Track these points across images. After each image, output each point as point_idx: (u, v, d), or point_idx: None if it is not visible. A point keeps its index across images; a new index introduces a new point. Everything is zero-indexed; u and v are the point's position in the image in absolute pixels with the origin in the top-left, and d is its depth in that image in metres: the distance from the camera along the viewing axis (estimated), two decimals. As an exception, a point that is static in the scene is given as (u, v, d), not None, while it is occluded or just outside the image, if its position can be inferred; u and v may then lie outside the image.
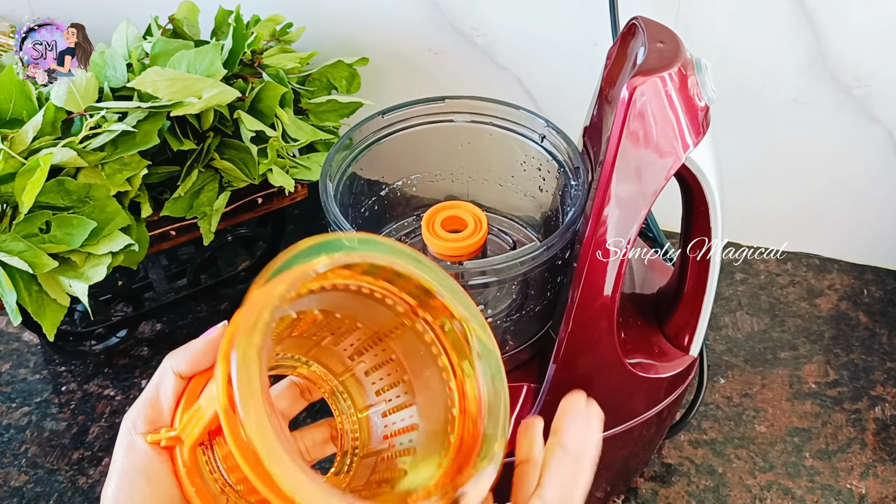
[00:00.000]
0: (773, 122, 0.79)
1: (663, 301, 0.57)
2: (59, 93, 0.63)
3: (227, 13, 0.75)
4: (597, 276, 0.48)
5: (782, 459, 0.70)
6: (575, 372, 0.52)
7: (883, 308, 0.83)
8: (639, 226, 0.46)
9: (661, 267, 0.62)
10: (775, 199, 0.85)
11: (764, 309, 0.83)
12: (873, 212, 0.83)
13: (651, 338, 0.57)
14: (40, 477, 0.70)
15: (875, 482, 0.68)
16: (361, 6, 0.83)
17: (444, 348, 0.38)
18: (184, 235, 0.71)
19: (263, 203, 0.75)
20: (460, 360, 0.37)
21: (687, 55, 0.45)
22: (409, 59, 0.85)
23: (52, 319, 0.64)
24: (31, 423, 0.74)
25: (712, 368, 0.77)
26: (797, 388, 0.75)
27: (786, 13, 0.71)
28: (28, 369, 0.79)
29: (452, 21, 0.81)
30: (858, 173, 0.81)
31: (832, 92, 0.75)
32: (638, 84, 0.42)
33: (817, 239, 0.87)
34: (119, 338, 0.79)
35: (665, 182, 0.45)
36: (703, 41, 0.75)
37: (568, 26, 0.78)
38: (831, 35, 0.72)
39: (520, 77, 0.84)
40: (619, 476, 0.64)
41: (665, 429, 0.62)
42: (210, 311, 0.84)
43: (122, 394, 0.76)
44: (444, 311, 0.37)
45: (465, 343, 0.37)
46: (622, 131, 0.43)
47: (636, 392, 0.55)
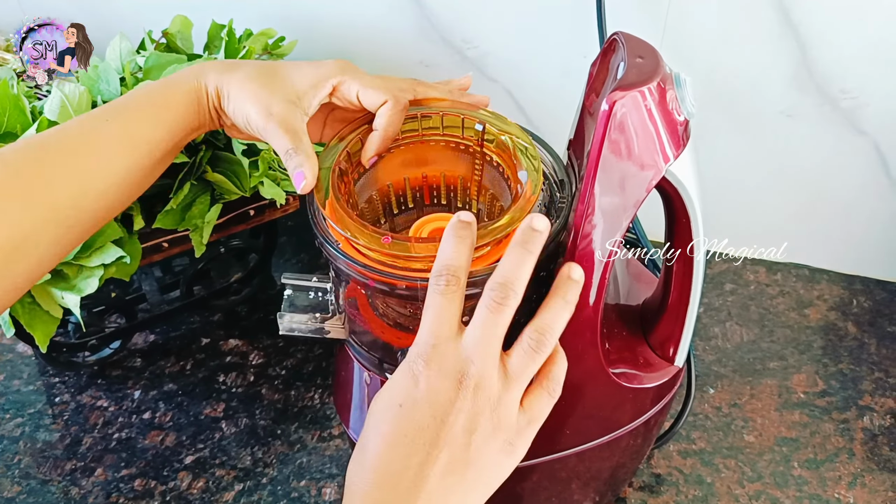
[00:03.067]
0: (760, 135, 0.80)
1: (648, 312, 0.58)
2: (53, 106, 0.64)
3: (220, 27, 0.76)
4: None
5: (771, 469, 0.70)
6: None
7: (872, 318, 0.83)
8: (620, 236, 0.47)
9: (647, 277, 0.63)
10: (764, 210, 0.86)
11: (753, 319, 0.83)
12: (862, 222, 0.84)
13: (636, 348, 0.57)
14: (33, 488, 0.70)
15: (863, 492, 0.68)
16: (353, 20, 0.84)
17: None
18: (176, 247, 0.72)
19: (255, 215, 0.76)
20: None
21: (666, 70, 0.46)
22: (400, 72, 0.85)
23: (45, 331, 0.65)
24: (24, 434, 0.75)
25: (701, 378, 0.77)
26: (786, 398, 0.76)
27: (771, 26, 0.72)
28: (21, 380, 0.80)
29: (443, 34, 0.82)
30: (846, 184, 0.81)
31: (819, 104, 0.76)
32: (618, 98, 0.43)
33: (807, 249, 0.88)
34: (112, 349, 0.80)
35: (646, 194, 0.46)
36: (690, 54, 0.76)
37: (557, 39, 0.79)
38: (817, 48, 0.73)
39: (510, 89, 0.84)
40: (607, 486, 0.64)
41: (652, 438, 0.63)
42: (203, 322, 0.85)
43: (115, 405, 0.77)
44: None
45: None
46: (602, 144, 0.44)
47: (622, 402, 0.56)
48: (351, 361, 0.57)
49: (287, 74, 0.53)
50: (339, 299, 0.55)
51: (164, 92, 0.53)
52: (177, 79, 0.53)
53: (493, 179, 0.56)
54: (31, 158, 0.48)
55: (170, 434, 0.74)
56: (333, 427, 0.74)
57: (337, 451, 0.72)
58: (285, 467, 0.71)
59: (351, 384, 0.58)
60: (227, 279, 0.84)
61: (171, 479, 0.70)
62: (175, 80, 0.53)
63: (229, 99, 0.52)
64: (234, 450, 0.73)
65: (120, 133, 0.51)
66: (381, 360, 0.55)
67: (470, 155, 0.56)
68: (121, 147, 0.51)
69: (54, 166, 0.48)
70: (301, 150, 0.50)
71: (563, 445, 0.56)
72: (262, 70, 0.53)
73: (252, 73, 0.53)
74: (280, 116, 0.51)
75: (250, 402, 0.77)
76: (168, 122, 0.52)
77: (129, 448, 0.73)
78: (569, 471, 0.59)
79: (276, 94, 0.51)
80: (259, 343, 0.83)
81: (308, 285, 0.56)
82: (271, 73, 0.53)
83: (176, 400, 0.77)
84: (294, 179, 0.50)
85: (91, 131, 0.50)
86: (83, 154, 0.49)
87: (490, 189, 0.57)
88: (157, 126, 0.52)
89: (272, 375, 0.79)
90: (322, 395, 0.77)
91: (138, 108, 0.52)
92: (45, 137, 0.50)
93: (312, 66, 0.54)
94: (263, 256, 0.84)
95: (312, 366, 0.80)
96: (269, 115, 0.51)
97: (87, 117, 0.52)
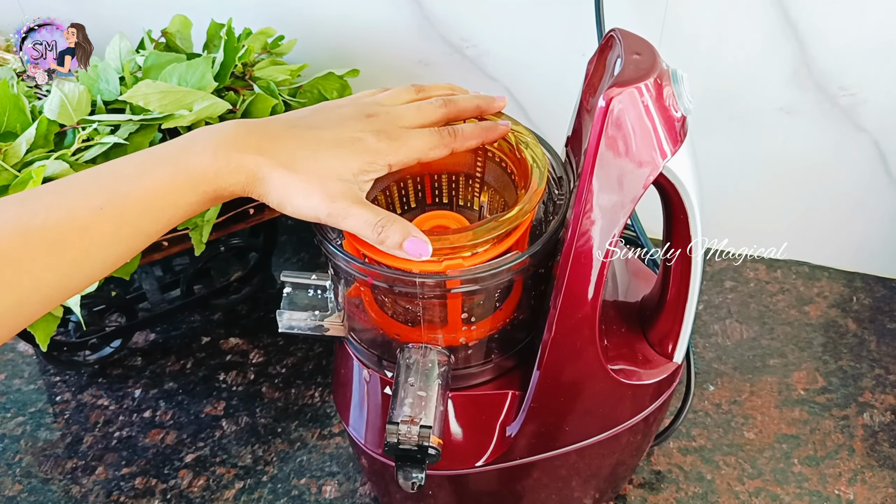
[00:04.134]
0: (760, 132, 0.80)
1: (647, 308, 0.58)
2: (52, 106, 0.64)
3: (219, 26, 0.76)
4: (578, 283, 0.48)
5: (771, 466, 0.70)
6: (559, 379, 0.53)
7: (872, 315, 0.83)
8: (618, 233, 0.47)
9: (646, 274, 0.63)
10: (764, 207, 0.86)
11: (753, 316, 0.83)
12: (862, 219, 0.84)
13: (635, 345, 0.57)
14: (34, 486, 0.70)
15: (863, 488, 0.68)
16: (352, 19, 0.85)
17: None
18: (176, 246, 0.72)
19: (255, 214, 0.76)
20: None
21: (663, 66, 0.46)
22: (399, 71, 0.86)
23: (46, 330, 0.65)
24: (25, 433, 0.75)
25: (701, 376, 0.77)
26: (786, 395, 0.76)
27: (770, 23, 0.72)
28: (23, 379, 0.80)
29: (443, 33, 0.82)
30: (846, 181, 0.81)
31: (818, 101, 0.76)
32: (614, 95, 0.43)
33: (807, 247, 0.88)
34: (113, 348, 0.80)
35: (643, 190, 0.46)
36: (689, 52, 0.76)
37: (556, 37, 0.79)
38: (816, 45, 0.73)
39: (509, 87, 0.84)
40: (607, 483, 0.64)
41: (652, 435, 0.63)
42: (203, 321, 0.85)
43: (116, 404, 0.77)
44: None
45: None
46: (599, 141, 0.44)
47: (621, 399, 0.56)
48: (350, 359, 0.57)
49: (334, 154, 0.47)
50: (338, 297, 0.55)
51: (174, 187, 0.44)
52: (192, 168, 0.45)
53: (496, 175, 0.56)
54: (18, 242, 0.41)
55: (170, 432, 0.74)
56: (334, 425, 0.74)
57: (337, 449, 0.72)
58: (286, 465, 0.71)
59: (351, 382, 0.58)
60: (227, 278, 0.85)
61: (172, 478, 0.70)
62: (189, 173, 0.44)
63: (271, 193, 0.46)
64: (234, 448, 0.73)
65: (113, 231, 0.44)
66: (381, 357, 0.55)
67: (472, 151, 0.56)
68: (113, 243, 0.44)
69: (37, 255, 0.42)
70: (391, 218, 0.46)
71: (562, 442, 0.56)
72: (301, 152, 0.46)
73: (291, 157, 0.46)
74: (346, 196, 0.46)
75: (251, 401, 0.77)
76: (172, 218, 0.45)
77: (129, 447, 0.73)
78: (569, 468, 0.59)
79: (330, 178, 0.46)
80: (259, 342, 0.83)
81: (307, 283, 0.56)
82: (315, 153, 0.46)
83: (176, 398, 0.77)
84: (411, 251, 0.45)
85: (81, 223, 0.43)
86: (70, 248, 0.43)
87: (493, 185, 0.57)
88: (157, 222, 0.45)
89: (272, 374, 0.79)
90: (322, 393, 0.77)
91: (139, 202, 0.44)
92: (30, 217, 0.42)
93: (358, 146, 0.47)
94: (263, 255, 0.84)
95: (312, 364, 0.80)
96: (333, 199, 0.45)
97: (79, 195, 0.43)
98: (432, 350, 0.52)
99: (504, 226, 0.47)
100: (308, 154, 0.46)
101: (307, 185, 0.45)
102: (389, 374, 0.55)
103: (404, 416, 0.48)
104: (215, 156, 0.45)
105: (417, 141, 0.49)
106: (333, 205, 0.45)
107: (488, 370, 0.55)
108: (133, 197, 0.44)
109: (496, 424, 0.55)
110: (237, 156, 0.45)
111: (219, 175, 0.45)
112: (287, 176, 0.45)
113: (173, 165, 0.45)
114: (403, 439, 0.47)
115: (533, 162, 0.51)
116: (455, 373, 0.54)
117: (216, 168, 0.45)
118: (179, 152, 0.45)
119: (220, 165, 0.45)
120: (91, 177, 0.45)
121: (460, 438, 0.55)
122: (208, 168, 0.44)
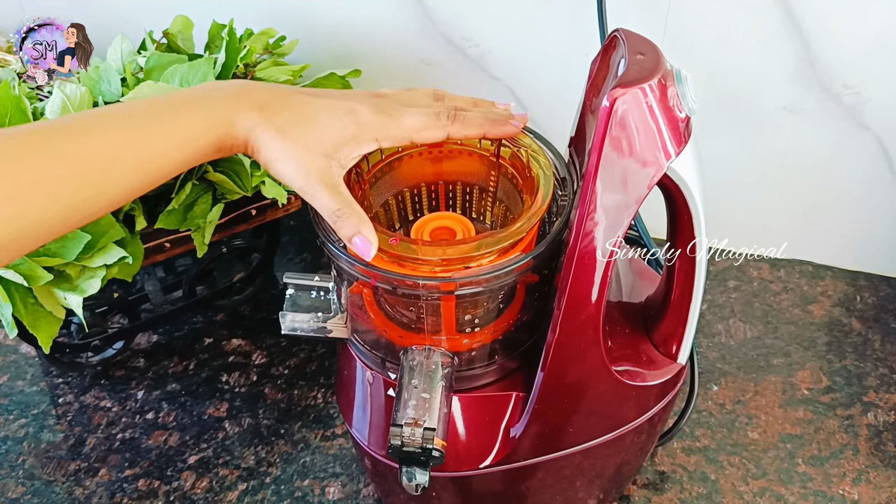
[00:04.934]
0: (763, 130, 0.80)
1: (651, 309, 0.58)
2: (54, 107, 0.64)
3: (221, 27, 0.76)
4: (582, 284, 0.48)
5: (775, 466, 0.70)
6: (563, 380, 0.53)
7: (876, 314, 0.83)
8: (622, 233, 0.47)
9: (649, 275, 0.62)
10: (768, 206, 0.86)
11: (757, 316, 0.83)
12: (865, 218, 0.83)
13: (639, 346, 0.57)
14: (37, 488, 0.70)
15: (868, 488, 0.68)
16: (354, 19, 0.84)
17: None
18: (178, 247, 0.72)
19: (257, 215, 0.76)
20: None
21: (667, 66, 0.46)
22: (401, 71, 0.86)
23: (48, 332, 0.65)
24: (28, 435, 0.75)
25: (705, 375, 0.77)
26: (790, 394, 0.75)
27: (774, 22, 0.72)
28: (25, 381, 0.80)
29: (445, 32, 0.82)
30: (850, 180, 0.81)
31: (822, 99, 0.76)
32: (619, 95, 0.43)
33: (810, 246, 0.88)
34: (115, 349, 0.80)
35: (647, 191, 0.46)
36: (692, 51, 0.76)
37: (559, 37, 0.79)
38: (819, 43, 0.72)
39: (512, 87, 0.84)
40: (611, 483, 0.64)
41: (656, 436, 0.63)
42: (206, 322, 0.85)
43: (119, 405, 0.77)
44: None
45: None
46: (603, 141, 0.44)
47: (625, 399, 0.56)
48: (353, 360, 0.57)
49: (325, 123, 0.49)
50: (341, 298, 0.55)
51: (193, 131, 0.47)
52: (200, 119, 0.47)
53: (507, 191, 0.56)
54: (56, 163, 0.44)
55: (173, 434, 0.74)
56: (336, 426, 0.74)
57: (340, 450, 0.72)
58: (289, 466, 0.71)
59: (354, 383, 0.58)
60: (229, 279, 0.84)
61: (175, 479, 0.70)
62: (210, 118, 0.47)
63: (260, 153, 0.48)
64: (237, 449, 0.73)
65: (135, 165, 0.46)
66: (384, 358, 0.55)
67: (486, 166, 0.56)
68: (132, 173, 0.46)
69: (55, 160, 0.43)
70: (351, 209, 0.47)
71: (566, 443, 0.56)
72: (297, 118, 0.49)
73: (286, 122, 0.48)
74: (319, 174, 0.47)
75: (253, 402, 0.77)
76: (179, 161, 0.47)
77: (132, 448, 0.73)
78: (573, 468, 0.59)
79: (312, 151, 0.48)
80: (262, 343, 0.83)
81: (310, 284, 0.56)
82: (308, 120, 0.49)
83: (179, 400, 0.77)
84: (357, 247, 0.47)
85: (103, 154, 0.45)
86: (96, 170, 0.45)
87: (504, 202, 0.57)
88: (167, 157, 0.47)
89: (275, 375, 0.79)
90: (325, 394, 0.77)
91: (149, 137, 0.46)
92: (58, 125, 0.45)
93: (350, 117, 0.49)
94: (266, 256, 0.84)
95: (315, 365, 0.80)
96: (307, 174, 0.47)
97: (98, 120, 0.46)
98: (436, 352, 0.51)
99: (509, 238, 0.48)
100: (301, 120, 0.49)
101: (288, 154, 0.48)
102: (393, 376, 0.55)
103: (408, 418, 0.48)
104: (226, 104, 0.48)
105: (411, 118, 0.50)
106: (305, 180, 0.48)
107: (492, 372, 0.55)
108: (147, 125, 0.47)
109: (500, 426, 0.55)
110: (247, 109, 0.48)
111: (229, 123, 0.48)
112: (276, 141, 0.48)
113: (196, 109, 0.48)
114: (407, 441, 0.47)
115: (540, 179, 0.52)
116: (459, 374, 0.53)
117: (221, 115, 0.48)
118: (201, 98, 0.49)
119: (231, 114, 0.47)
120: (105, 110, 0.49)
121: (464, 440, 0.55)
122: (215, 115, 0.47)
